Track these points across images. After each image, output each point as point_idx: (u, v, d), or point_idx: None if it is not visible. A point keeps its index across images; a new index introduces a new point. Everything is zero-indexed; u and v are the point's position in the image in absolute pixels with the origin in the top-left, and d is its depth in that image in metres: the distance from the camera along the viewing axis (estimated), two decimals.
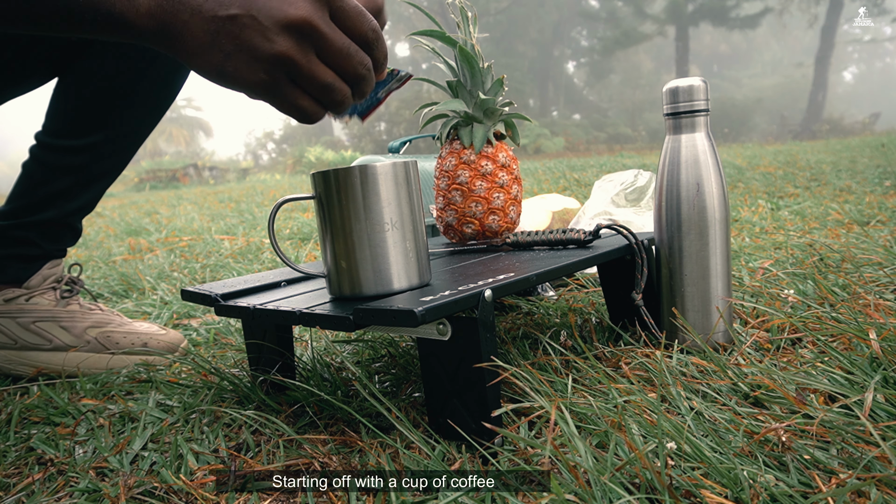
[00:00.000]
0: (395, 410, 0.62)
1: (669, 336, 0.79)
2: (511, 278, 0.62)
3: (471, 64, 0.86)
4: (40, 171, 0.93)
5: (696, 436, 0.55)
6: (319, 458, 0.60)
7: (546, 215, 1.24)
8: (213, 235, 2.53)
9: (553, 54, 33.36)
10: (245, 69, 0.48)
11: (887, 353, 0.65)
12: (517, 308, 1.05)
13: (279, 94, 0.51)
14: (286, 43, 0.48)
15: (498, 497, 0.50)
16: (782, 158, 4.65)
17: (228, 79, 0.49)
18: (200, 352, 1.00)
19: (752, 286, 1.02)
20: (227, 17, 0.47)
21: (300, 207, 3.44)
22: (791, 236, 1.51)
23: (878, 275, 1.00)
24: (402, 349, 0.88)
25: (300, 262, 1.76)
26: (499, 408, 0.57)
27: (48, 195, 0.93)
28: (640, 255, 0.80)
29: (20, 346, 0.93)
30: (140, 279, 1.63)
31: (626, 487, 0.49)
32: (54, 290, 0.97)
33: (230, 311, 0.68)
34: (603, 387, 0.67)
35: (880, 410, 0.56)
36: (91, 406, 0.79)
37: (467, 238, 0.91)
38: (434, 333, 0.58)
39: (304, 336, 1.03)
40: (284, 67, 0.50)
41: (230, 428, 0.70)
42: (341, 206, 0.61)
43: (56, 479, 0.61)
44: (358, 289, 0.62)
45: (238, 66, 0.48)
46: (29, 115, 1.35)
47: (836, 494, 0.45)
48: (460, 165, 0.88)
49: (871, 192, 2.37)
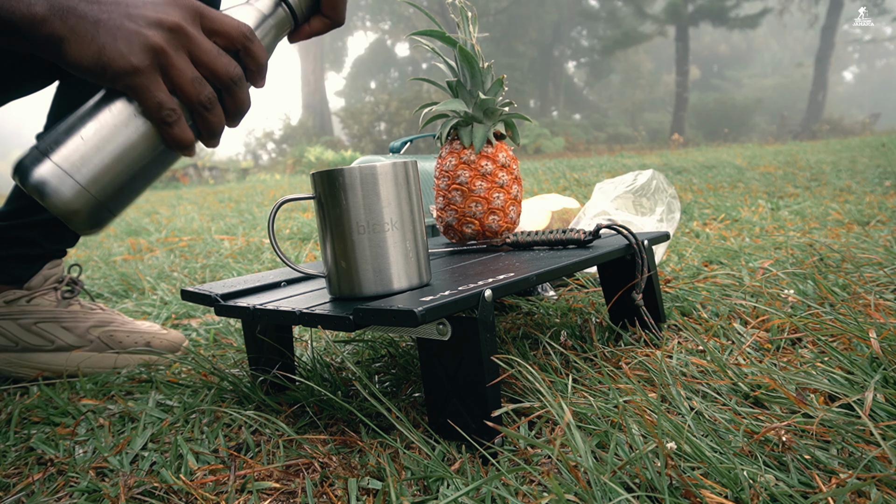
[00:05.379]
0: (395, 410, 0.62)
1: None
2: (511, 278, 0.62)
3: (471, 64, 0.86)
4: None
5: (696, 436, 0.55)
6: (319, 458, 0.60)
7: (546, 215, 1.24)
8: (212, 235, 2.53)
9: (553, 54, 33.36)
10: (118, 58, 0.53)
11: (887, 352, 0.65)
12: (517, 308, 1.05)
13: (144, 82, 0.54)
14: (158, 35, 0.54)
15: (498, 497, 0.50)
16: (782, 158, 4.65)
17: (103, 69, 0.53)
18: (200, 352, 1.00)
19: (752, 286, 1.02)
20: (106, 20, 0.53)
21: (300, 207, 3.44)
22: (791, 236, 1.51)
23: (878, 275, 1.00)
24: (402, 349, 0.88)
25: (300, 262, 1.76)
26: (499, 408, 0.57)
27: None
28: (640, 255, 0.80)
29: (21, 348, 0.93)
30: (140, 279, 1.63)
31: (627, 487, 0.49)
32: (55, 290, 0.97)
33: (230, 311, 0.68)
34: (603, 387, 0.67)
35: (880, 410, 0.56)
36: (91, 406, 0.79)
37: (467, 238, 0.91)
38: (434, 333, 0.58)
39: (304, 336, 1.03)
40: (156, 57, 0.54)
41: (230, 428, 0.70)
42: (341, 206, 0.61)
43: (56, 479, 0.61)
44: (358, 289, 0.62)
45: (112, 55, 0.53)
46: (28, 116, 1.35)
47: (836, 494, 0.45)
48: (460, 165, 0.88)
49: (871, 192, 2.37)
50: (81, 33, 0.53)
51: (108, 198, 0.57)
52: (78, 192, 0.55)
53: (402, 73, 34.06)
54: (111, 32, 0.53)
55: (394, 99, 23.39)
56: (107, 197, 0.57)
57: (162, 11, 0.55)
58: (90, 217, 0.57)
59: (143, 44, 0.54)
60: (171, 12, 0.56)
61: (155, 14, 0.55)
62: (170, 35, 0.55)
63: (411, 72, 31.65)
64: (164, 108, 0.55)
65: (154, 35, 0.54)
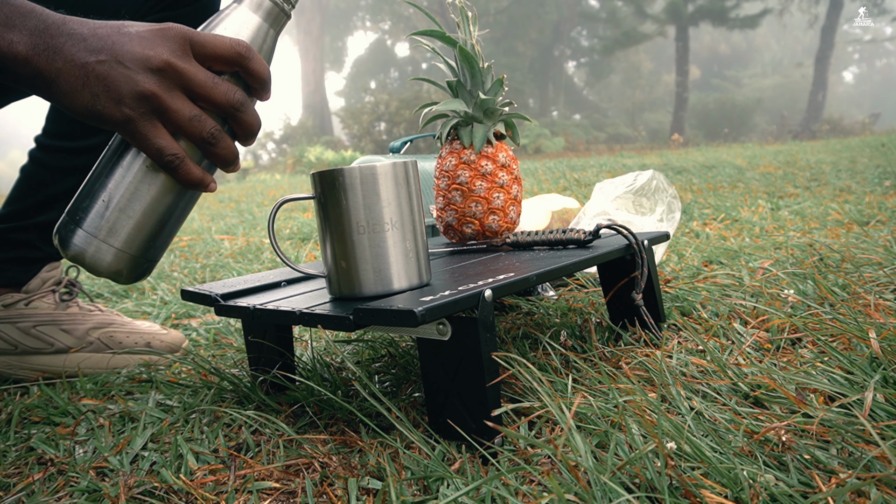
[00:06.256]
0: (395, 410, 0.62)
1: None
2: (511, 278, 0.62)
3: (471, 64, 0.86)
4: (41, 174, 0.93)
5: (696, 436, 0.55)
6: (319, 458, 0.60)
7: (546, 215, 1.24)
8: (213, 235, 2.53)
9: (553, 54, 33.36)
10: (111, 107, 0.52)
11: (887, 352, 0.66)
12: (517, 308, 1.05)
13: (141, 130, 0.53)
14: (149, 81, 0.52)
15: (498, 497, 0.50)
16: (782, 158, 4.65)
17: (97, 118, 0.53)
18: (200, 352, 1.00)
19: (752, 286, 1.02)
20: (95, 63, 0.52)
21: (300, 207, 3.44)
22: (791, 236, 1.51)
23: (878, 275, 1.00)
24: (402, 349, 0.88)
25: (300, 262, 1.76)
26: (499, 407, 0.57)
27: (49, 197, 0.93)
28: (640, 255, 0.80)
29: (21, 351, 0.93)
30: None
31: (627, 487, 0.49)
32: (53, 293, 0.96)
33: (230, 311, 0.68)
34: (603, 387, 0.67)
35: (880, 410, 0.56)
36: (91, 406, 0.79)
37: (467, 238, 0.91)
38: (434, 333, 0.58)
39: (304, 336, 1.03)
40: (148, 104, 0.53)
41: (230, 428, 0.70)
42: (341, 206, 0.61)
43: (56, 479, 0.61)
44: (358, 289, 0.62)
45: (105, 105, 0.52)
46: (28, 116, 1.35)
47: (836, 494, 0.45)
48: (460, 165, 0.88)
49: (871, 192, 2.37)
50: (70, 79, 0.51)
51: (144, 251, 0.59)
52: (116, 255, 0.57)
53: (402, 73, 34.04)
54: (101, 80, 0.52)
55: (394, 99, 23.40)
56: (143, 251, 0.58)
57: (150, 47, 0.53)
58: (133, 272, 0.59)
59: (133, 91, 0.52)
60: (160, 48, 0.53)
61: (142, 52, 0.52)
62: (160, 77, 0.53)
63: (411, 72, 31.63)
64: (164, 155, 0.54)
65: (144, 80, 0.52)
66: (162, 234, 0.59)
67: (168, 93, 0.53)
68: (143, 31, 0.54)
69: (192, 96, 0.55)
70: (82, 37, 0.52)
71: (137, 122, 0.53)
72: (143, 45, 0.53)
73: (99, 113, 0.52)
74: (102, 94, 0.52)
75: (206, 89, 0.55)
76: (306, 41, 37.07)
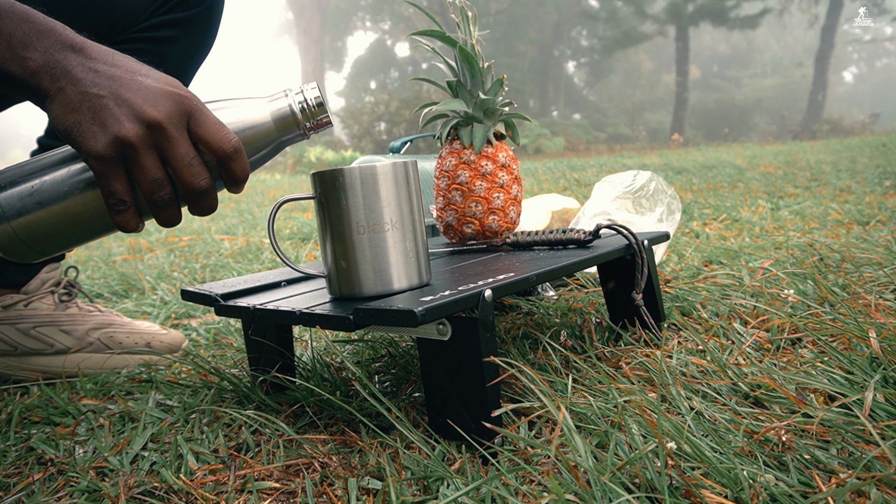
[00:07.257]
0: (395, 410, 0.62)
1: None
2: (511, 278, 0.62)
3: (471, 64, 0.86)
4: None
5: (697, 436, 0.55)
6: (319, 458, 0.60)
7: (546, 215, 1.24)
8: (213, 235, 2.53)
9: (553, 54, 33.37)
10: (89, 138, 0.53)
11: (887, 352, 0.66)
12: (517, 308, 1.05)
13: (104, 170, 0.54)
14: (134, 130, 0.53)
15: (498, 497, 0.50)
16: (782, 158, 4.65)
17: (73, 141, 0.54)
18: (200, 352, 1.00)
19: (752, 286, 1.02)
20: (94, 95, 0.53)
21: (300, 207, 3.44)
22: (791, 236, 1.51)
23: (878, 275, 1.00)
24: (402, 349, 0.88)
25: (300, 262, 1.76)
26: (499, 408, 0.57)
27: None
28: (640, 255, 0.80)
29: (21, 352, 0.93)
30: (140, 279, 1.63)
31: (627, 487, 0.49)
32: (53, 294, 0.96)
33: (230, 311, 0.68)
34: (603, 387, 0.67)
35: (880, 410, 0.56)
36: (91, 406, 0.79)
37: (467, 238, 0.91)
38: (434, 333, 0.58)
39: (304, 336, 1.03)
40: (122, 150, 0.54)
41: (230, 428, 0.70)
42: (341, 207, 0.61)
43: (56, 479, 0.61)
44: (358, 289, 0.62)
45: (85, 133, 0.53)
46: (28, 116, 1.36)
47: (836, 494, 0.45)
48: (460, 165, 0.88)
49: (871, 192, 2.37)
50: (66, 100, 0.53)
51: (32, 241, 0.58)
52: (4, 231, 0.56)
53: (402, 73, 34.04)
54: (93, 110, 0.53)
55: (394, 99, 23.40)
56: (32, 240, 0.58)
57: (151, 102, 0.54)
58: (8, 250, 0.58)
59: (115, 134, 0.53)
60: (161, 106, 0.54)
61: (142, 104, 0.53)
62: (147, 132, 0.54)
63: (411, 72, 31.61)
64: (113, 198, 0.55)
65: (130, 129, 0.53)
66: (60, 239, 0.59)
67: (144, 148, 0.54)
68: (154, 86, 0.55)
69: (165, 161, 0.56)
70: (94, 70, 0.54)
71: (105, 161, 0.54)
72: (147, 98, 0.54)
73: (76, 137, 0.53)
74: (86, 123, 0.53)
75: (179, 164, 0.55)
76: (306, 41, 37.07)
